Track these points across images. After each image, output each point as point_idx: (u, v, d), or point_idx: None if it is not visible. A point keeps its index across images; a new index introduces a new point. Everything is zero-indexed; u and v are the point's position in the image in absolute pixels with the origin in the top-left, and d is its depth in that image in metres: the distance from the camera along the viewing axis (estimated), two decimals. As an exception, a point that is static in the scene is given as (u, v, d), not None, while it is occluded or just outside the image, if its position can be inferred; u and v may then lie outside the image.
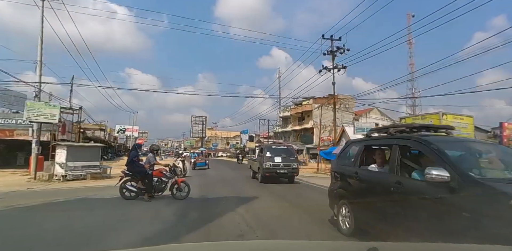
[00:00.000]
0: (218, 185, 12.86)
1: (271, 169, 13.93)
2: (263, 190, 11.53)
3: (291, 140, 55.14)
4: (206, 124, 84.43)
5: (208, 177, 15.63)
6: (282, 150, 15.37)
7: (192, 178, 14.59)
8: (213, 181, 13.78)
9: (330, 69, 23.05)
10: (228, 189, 11.66)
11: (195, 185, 10.95)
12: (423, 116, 33.24)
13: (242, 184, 13.45)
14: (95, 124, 53.95)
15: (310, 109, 51.76)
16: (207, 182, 13.34)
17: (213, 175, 16.66)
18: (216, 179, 14.56)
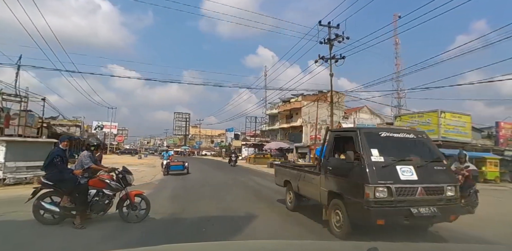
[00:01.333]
0: (203, 201, 8.42)
1: (395, 207, 4.68)
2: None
3: (279, 139, 52.79)
4: (190, 121, 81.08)
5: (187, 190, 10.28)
6: (407, 146, 5.60)
7: (165, 186, 11.08)
8: (196, 193, 9.45)
9: (327, 59, 20.65)
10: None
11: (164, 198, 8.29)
12: (420, 114, 31.47)
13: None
14: (69, 120, 50.33)
15: (299, 106, 49.52)
16: (184, 195, 9.29)
17: (194, 183, 11.97)
18: (200, 191, 9.90)
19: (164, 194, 9.22)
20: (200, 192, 9.74)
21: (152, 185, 10.71)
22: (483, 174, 19.05)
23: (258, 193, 9.82)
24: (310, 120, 50.37)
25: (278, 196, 8.94)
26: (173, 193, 9.45)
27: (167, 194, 9.26)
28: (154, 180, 12.25)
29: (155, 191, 9.46)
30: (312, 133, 50.26)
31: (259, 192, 10.08)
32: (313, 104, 46.90)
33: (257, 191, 10.28)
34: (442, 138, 29.55)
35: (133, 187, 6.14)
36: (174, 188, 10.44)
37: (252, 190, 10.59)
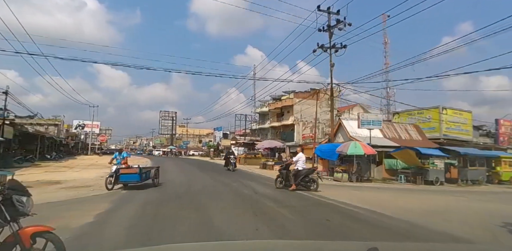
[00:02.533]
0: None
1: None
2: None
3: (269, 138, 50.65)
4: (176, 120, 78.10)
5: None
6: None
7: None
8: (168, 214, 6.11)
9: (326, 48, 18.56)
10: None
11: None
12: (420, 111, 29.76)
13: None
14: (48, 119, 47.03)
15: (291, 104, 47.52)
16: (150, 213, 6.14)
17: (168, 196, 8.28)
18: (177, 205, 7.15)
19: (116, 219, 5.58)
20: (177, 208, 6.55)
21: (114, 197, 8.00)
22: (498, 175, 17.30)
23: (256, 205, 7.55)
24: (303, 118, 48.54)
25: (284, 211, 6.70)
26: (135, 214, 5.88)
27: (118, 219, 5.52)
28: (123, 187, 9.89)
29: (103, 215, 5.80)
30: (305, 132, 48.50)
31: (257, 203, 7.81)
32: (305, 102, 45.26)
33: (256, 202, 7.99)
34: (444, 136, 27.98)
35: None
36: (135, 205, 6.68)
37: (248, 200, 8.28)
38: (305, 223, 5.72)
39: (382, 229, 5.37)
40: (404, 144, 19.62)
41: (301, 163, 10.16)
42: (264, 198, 8.56)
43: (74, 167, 21.13)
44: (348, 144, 14.28)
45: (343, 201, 8.04)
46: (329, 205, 7.75)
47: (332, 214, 6.49)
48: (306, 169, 10.11)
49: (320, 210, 7.12)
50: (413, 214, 6.77)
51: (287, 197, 8.84)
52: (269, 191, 9.99)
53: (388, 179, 16.63)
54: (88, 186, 10.69)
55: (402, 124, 24.26)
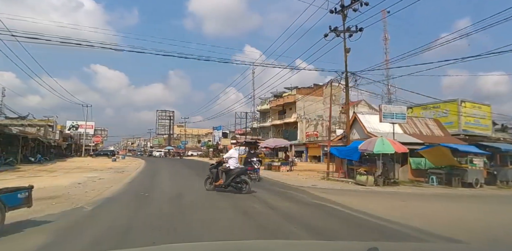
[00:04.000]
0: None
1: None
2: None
3: (271, 136, 48.34)
4: (174, 120, 75.67)
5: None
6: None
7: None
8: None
9: (340, 32, 16.27)
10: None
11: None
12: (436, 104, 27.46)
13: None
14: (40, 119, 44.58)
15: (293, 100, 45.15)
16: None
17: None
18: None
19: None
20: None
21: (69, 219, 5.56)
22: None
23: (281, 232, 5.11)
24: (306, 115, 46.26)
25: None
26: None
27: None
28: (94, 201, 7.49)
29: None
30: (309, 129, 46.27)
31: (281, 230, 5.31)
32: (308, 98, 42.94)
33: (278, 228, 5.46)
34: (463, 132, 25.73)
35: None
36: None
37: (268, 224, 5.78)
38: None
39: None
40: (427, 140, 17.37)
41: (233, 161, 9.04)
42: (286, 218, 6.03)
43: (56, 171, 18.78)
44: (374, 141, 11.99)
45: (397, 221, 5.56)
46: (381, 228, 5.33)
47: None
48: (238, 169, 8.98)
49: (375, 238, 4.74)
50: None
51: (315, 215, 6.36)
52: (287, 204, 7.59)
53: (416, 181, 14.33)
54: (52, 197, 8.35)
55: (422, 118, 21.94)
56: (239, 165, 9.17)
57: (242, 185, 8.75)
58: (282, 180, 13.27)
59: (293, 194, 8.97)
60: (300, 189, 10.47)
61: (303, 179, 14.47)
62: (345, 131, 16.54)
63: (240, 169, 8.97)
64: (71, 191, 9.41)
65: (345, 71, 16.33)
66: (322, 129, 46.78)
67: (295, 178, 14.66)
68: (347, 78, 16.30)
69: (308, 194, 9.02)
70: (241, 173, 8.91)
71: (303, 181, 13.18)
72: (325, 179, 14.22)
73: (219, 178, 8.89)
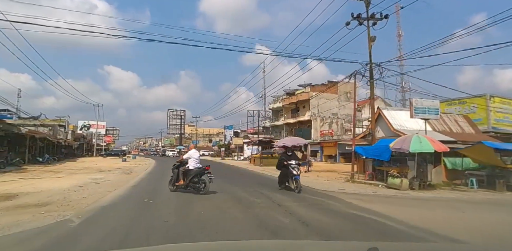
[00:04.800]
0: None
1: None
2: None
3: (284, 135, 46.94)
4: (185, 119, 74.93)
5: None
6: None
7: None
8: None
9: (363, 19, 14.86)
10: None
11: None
12: (462, 100, 25.59)
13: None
14: (52, 119, 44.36)
15: (307, 98, 43.63)
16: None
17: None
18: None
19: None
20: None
21: (41, 241, 4.21)
22: None
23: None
24: (320, 113, 44.68)
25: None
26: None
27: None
28: (88, 210, 6.33)
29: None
30: (323, 128, 44.66)
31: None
32: (323, 95, 41.37)
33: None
34: (493, 129, 23.88)
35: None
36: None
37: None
38: None
39: None
40: (458, 138, 15.82)
41: (193, 162, 8.83)
42: (328, 239, 4.49)
43: (61, 171, 17.92)
44: (409, 139, 10.54)
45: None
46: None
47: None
48: (196, 168, 8.74)
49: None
50: None
51: (366, 234, 4.89)
52: (322, 216, 6.22)
53: (452, 183, 12.80)
54: (45, 204, 7.27)
55: (451, 114, 20.29)
56: (199, 165, 8.89)
57: (200, 186, 8.53)
58: (304, 183, 11.94)
59: (323, 202, 7.57)
60: (329, 194, 9.09)
61: (325, 181, 13.12)
62: (369, 128, 15.09)
63: (198, 169, 8.71)
64: (68, 196, 8.33)
65: (370, 62, 14.89)
66: (337, 127, 45.15)
67: (317, 181, 13.32)
68: (371, 69, 14.85)
69: (341, 202, 7.65)
70: (199, 173, 8.65)
71: (327, 184, 11.82)
72: (350, 182, 12.83)
73: (180, 178, 8.82)
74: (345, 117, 46.73)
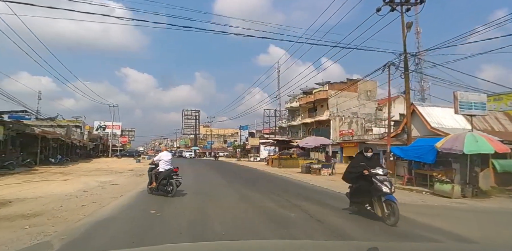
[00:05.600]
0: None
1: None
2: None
3: (300, 136, 45.37)
4: (200, 119, 74.26)
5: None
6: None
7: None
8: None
9: (396, 4, 13.30)
10: None
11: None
12: (498, 96, 23.44)
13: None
14: (69, 120, 44.30)
15: (325, 96, 41.92)
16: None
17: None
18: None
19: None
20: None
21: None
22: None
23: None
24: (339, 113, 42.86)
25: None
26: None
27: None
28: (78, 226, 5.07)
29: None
30: (343, 128, 42.82)
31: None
32: (342, 94, 39.51)
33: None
34: (536, 128, 21.68)
35: None
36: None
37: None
38: None
39: None
40: (502, 137, 14.04)
41: (163, 164, 8.60)
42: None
43: (71, 173, 17.05)
44: (461, 138, 8.97)
45: None
46: None
47: None
48: (166, 170, 8.47)
49: None
50: None
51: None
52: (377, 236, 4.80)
53: (506, 189, 11.06)
54: (36, 214, 6.16)
55: (491, 111, 18.37)
56: (169, 167, 8.56)
57: (168, 188, 8.25)
58: (335, 189, 10.49)
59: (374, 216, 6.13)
60: None
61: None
62: (403, 126, 13.50)
63: (166, 171, 8.43)
64: (66, 204, 7.20)
65: (404, 52, 13.29)
66: (357, 127, 43.25)
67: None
68: (406, 60, 13.26)
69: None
70: (167, 175, 8.36)
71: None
72: (410, 191, 11.25)
73: (152, 181, 8.66)
74: (365, 117, 44.76)
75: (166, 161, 8.60)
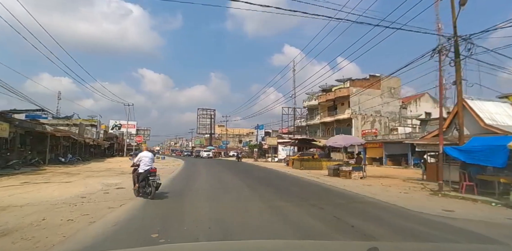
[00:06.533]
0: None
1: None
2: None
3: (319, 135, 43.32)
4: (215, 118, 73.02)
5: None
6: None
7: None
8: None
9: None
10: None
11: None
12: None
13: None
14: (84, 119, 43.85)
15: (347, 94, 39.72)
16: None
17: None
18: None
19: None
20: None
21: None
22: None
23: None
24: (361, 111, 40.60)
25: None
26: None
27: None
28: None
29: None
30: (365, 127, 40.53)
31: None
32: (364, 91, 37.21)
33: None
34: None
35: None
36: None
37: None
38: None
39: None
40: None
41: (143, 165, 8.07)
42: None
43: (79, 174, 15.84)
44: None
45: None
46: None
47: None
48: (145, 171, 7.94)
49: None
50: None
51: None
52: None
53: None
54: (5, 233, 4.64)
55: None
56: (148, 168, 8.07)
57: (147, 190, 7.88)
58: (374, 196, 8.68)
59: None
60: (444, 224, 5.62)
61: (403, 194, 9.73)
62: (456, 123, 11.52)
63: (144, 172, 8.00)
64: (51, 217, 5.73)
65: (455, 35, 11.27)
66: (380, 126, 40.88)
67: (389, 193, 9.97)
68: (457, 45, 11.24)
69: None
70: (145, 176, 7.97)
71: (413, 200, 8.45)
72: (439, 196, 9.36)
73: (135, 182, 8.34)
74: (389, 115, 42.31)
75: (147, 161, 8.15)
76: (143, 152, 8.58)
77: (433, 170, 14.51)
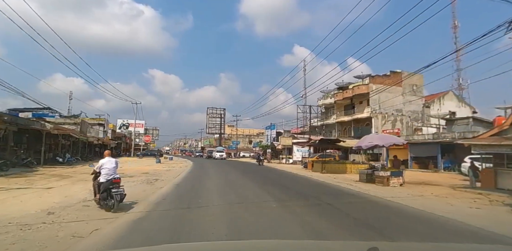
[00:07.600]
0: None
1: None
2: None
3: (335, 136, 40.72)
4: (225, 118, 70.89)
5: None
6: None
7: None
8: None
9: None
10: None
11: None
12: None
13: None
14: (92, 118, 42.38)
15: (366, 91, 36.99)
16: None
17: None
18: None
19: None
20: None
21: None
22: None
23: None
24: (382, 110, 37.85)
25: None
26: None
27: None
28: None
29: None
30: (385, 127, 37.81)
31: None
32: (385, 88, 34.48)
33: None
34: None
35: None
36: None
37: None
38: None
39: None
40: None
41: (105, 174, 6.90)
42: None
43: (71, 176, 13.87)
44: None
45: None
46: None
47: None
48: (107, 181, 6.77)
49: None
50: None
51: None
52: None
53: None
54: None
55: None
56: (110, 177, 6.91)
57: (109, 202, 6.69)
58: (456, 217, 6.26)
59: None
60: None
61: (472, 209, 7.32)
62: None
63: (106, 181, 6.84)
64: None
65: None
66: (401, 126, 38.06)
67: (456, 208, 7.56)
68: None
69: None
70: (108, 186, 6.78)
71: (496, 220, 6.07)
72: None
73: (96, 192, 7.20)
74: (411, 114, 39.44)
75: (109, 169, 6.97)
76: (104, 159, 7.23)
77: (490, 176, 12.03)
